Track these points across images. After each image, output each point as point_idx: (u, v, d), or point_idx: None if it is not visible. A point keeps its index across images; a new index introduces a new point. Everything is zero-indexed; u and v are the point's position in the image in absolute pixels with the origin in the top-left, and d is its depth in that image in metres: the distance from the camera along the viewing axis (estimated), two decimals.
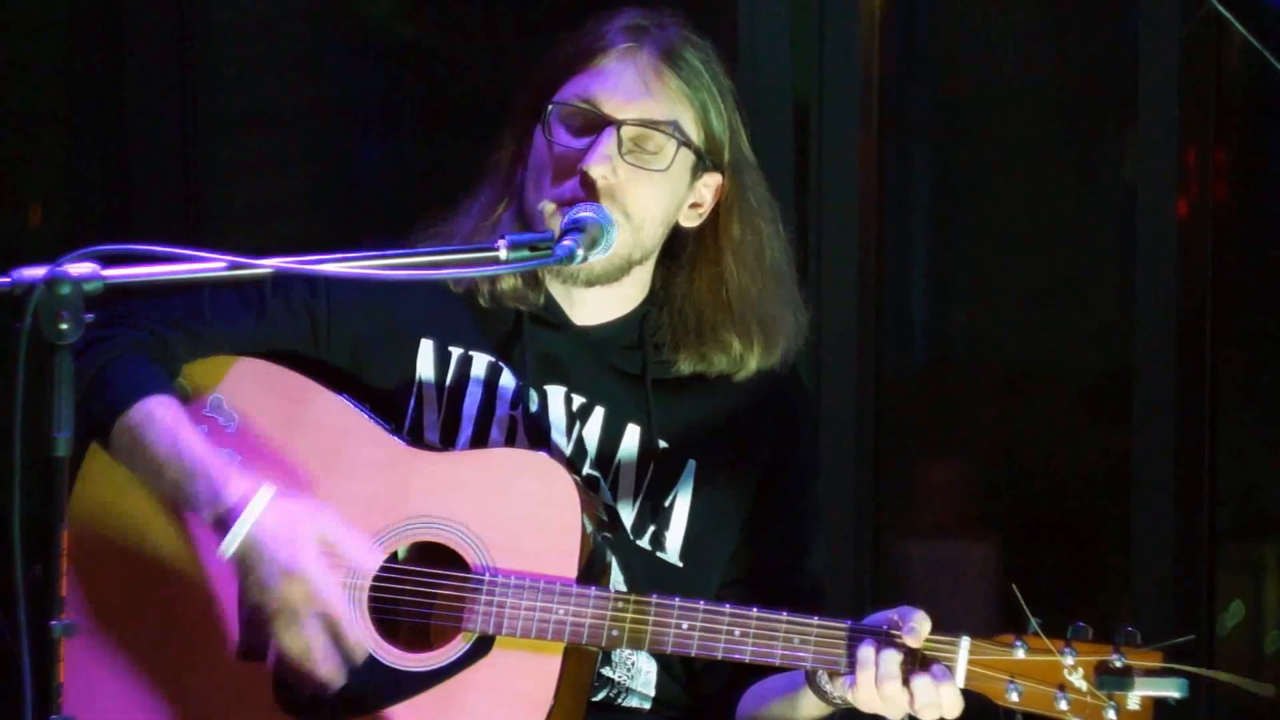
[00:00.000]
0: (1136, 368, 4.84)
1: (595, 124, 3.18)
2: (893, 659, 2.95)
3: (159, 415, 3.16)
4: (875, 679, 2.95)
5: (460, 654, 3.09)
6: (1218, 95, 4.82)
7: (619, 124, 3.17)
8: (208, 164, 5.33)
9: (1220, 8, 3.92)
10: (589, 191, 3.16)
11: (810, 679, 3.06)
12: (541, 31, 3.30)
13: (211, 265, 2.73)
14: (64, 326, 2.58)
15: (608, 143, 3.16)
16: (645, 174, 3.19)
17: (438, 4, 5.45)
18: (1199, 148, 4.81)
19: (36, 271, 2.60)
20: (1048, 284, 5.10)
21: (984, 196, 5.17)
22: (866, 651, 2.96)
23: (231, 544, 3.06)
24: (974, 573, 5.06)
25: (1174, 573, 4.79)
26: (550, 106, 3.20)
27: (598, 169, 3.15)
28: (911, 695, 2.94)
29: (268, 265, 2.77)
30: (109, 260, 2.65)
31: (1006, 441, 5.16)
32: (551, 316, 3.30)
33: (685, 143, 3.21)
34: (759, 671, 3.18)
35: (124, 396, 3.16)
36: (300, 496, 3.11)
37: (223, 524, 3.07)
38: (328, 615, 3.05)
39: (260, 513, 3.06)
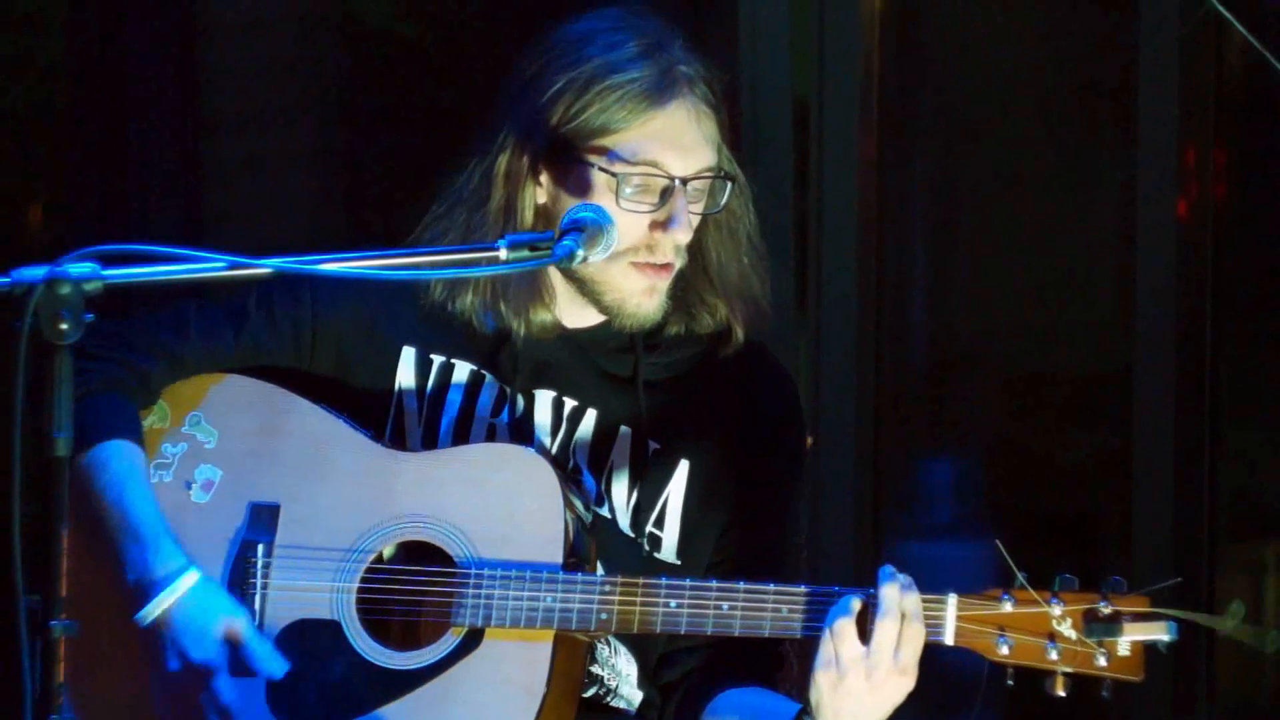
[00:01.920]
0: (1136, 368, 4.84)
1: (658, 185, 3.19)
2: (846, 624, 2.94)
3: (113, 466, 3.18)
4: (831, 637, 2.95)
5: (451, 649, 3.09)
6: (1218, 95, 4.82)
7: (686, 181, 3.19)
8: (208, 164, 5.33)
9: (1220, 8, 3.92)
10: (676, 255, 3.20)
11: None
12: (541, 32, 3.28)
13: (211, 265, 2.73)
14: (64, 326, 2.58)
15: (685, 207, 3.19)
16: (698, 216, 3.24)
17: (437, 4, 5.46)
18: (1199, 148, 4.81)
19: (36, 271, 2.60)
20: (1048, 283, 5.10)
21: (984, 196, 5.18)
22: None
23: (148, 615, 3.10)
24: (974, 573, 5.06)
25: (1174, 573, 4.78)
26: (618, 176, 3.18)
27: (685, 235, 3.19)
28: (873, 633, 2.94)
29: (268, 265, 2.77)
30: (109, 260, 2.65)
31: (1006, 441, 5.16)
32: None
33: (729, 176, 3.25)
34: (733, 676, 3.20)
35: (85, 437, 3.17)
36: (222, 591, 3.14)
37: (144, 594, 3.11)
38: (220, 713, 3.09)
39: (180, 596, 3.10)
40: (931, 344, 5.27)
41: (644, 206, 3.18)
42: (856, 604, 2.96)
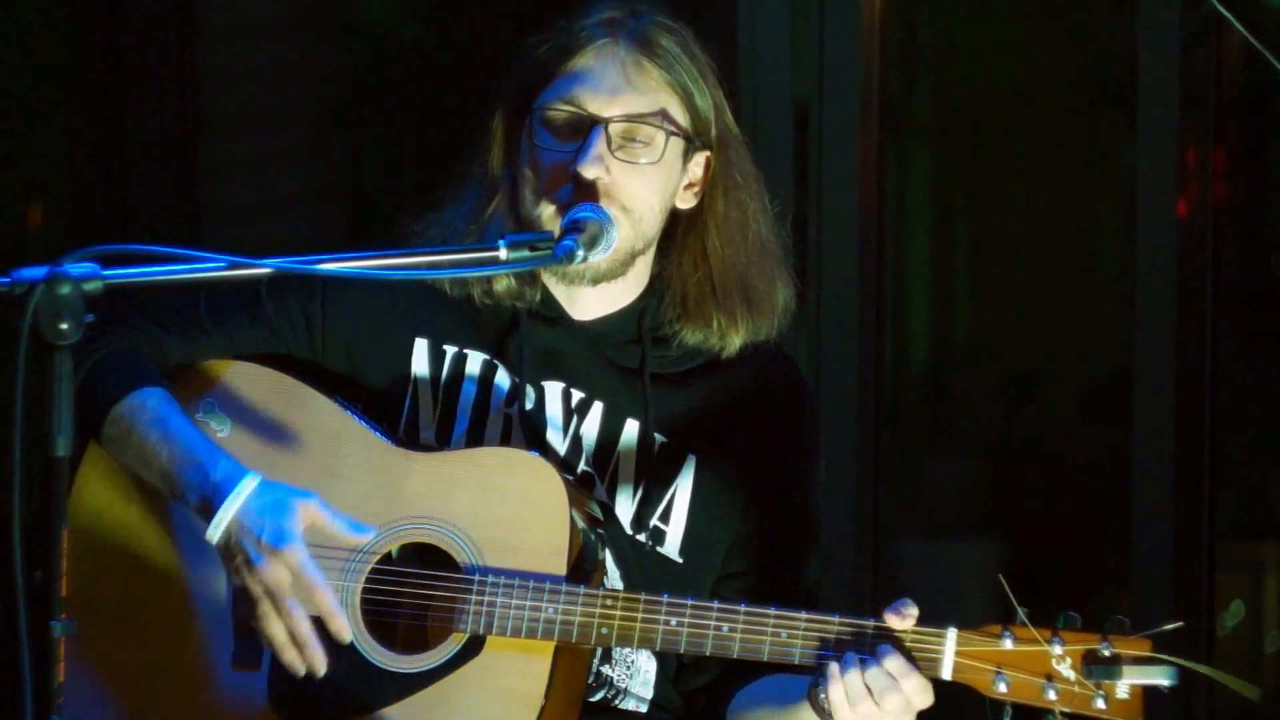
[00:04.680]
0: (1136, 368, 4.84)
1: (582, 125, 3.18)
2: (856, 676, 2.95)
3: (151, 404, 3.16)
4: (847, 697, 2.95)
5: (452, 654, 3.09)
6: (1218, 95, 4.82)
7: (605, 122, 3.17)
8: (208, 163, 5.33)
9: (1220, 8, 3.92)
10: (585, 193, 3.16)
11: (812, 696, 3.05)
12: (540, 30, 3.29)
13: (211, 265, 2.73)
14: (64, 326, 2.58)
15: (597, 143, 3.16)
16: (638, 168, 3.19)
17: (437, 4, 5.46)
18: (1199, 148, 4.81)
19: (36, 271, 2.60)
20: (1047, 284, 5.10)
21: (984, 197, 5.18)
22: (835, 669, 2.97)
23: (218, 527, 3.06)
24: (974, 573, 5.07)
25: (1174, 573, 4.79)
26: (534, 112, 3.20)
27: (591, 170, 3.15)
28: (869, 690, 2.94)
29: (268, 265, 2.77)
30: (109, 260, 2.65)
31: (1006, 441, 5.16)
32: (549, 312, 3.29)
33: (674, 131, 3.21)
34: (750, 674, 3.19)
35: (117, 388, 3.17)
36: (287, 483, 3.11)
37: (209, 506, 3.07)
38: (313, 597, 3.05)
39: (247, 495, 3.06)
40: (931, 344, 5.28)
41: (557, 145, 3.17)
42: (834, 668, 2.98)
